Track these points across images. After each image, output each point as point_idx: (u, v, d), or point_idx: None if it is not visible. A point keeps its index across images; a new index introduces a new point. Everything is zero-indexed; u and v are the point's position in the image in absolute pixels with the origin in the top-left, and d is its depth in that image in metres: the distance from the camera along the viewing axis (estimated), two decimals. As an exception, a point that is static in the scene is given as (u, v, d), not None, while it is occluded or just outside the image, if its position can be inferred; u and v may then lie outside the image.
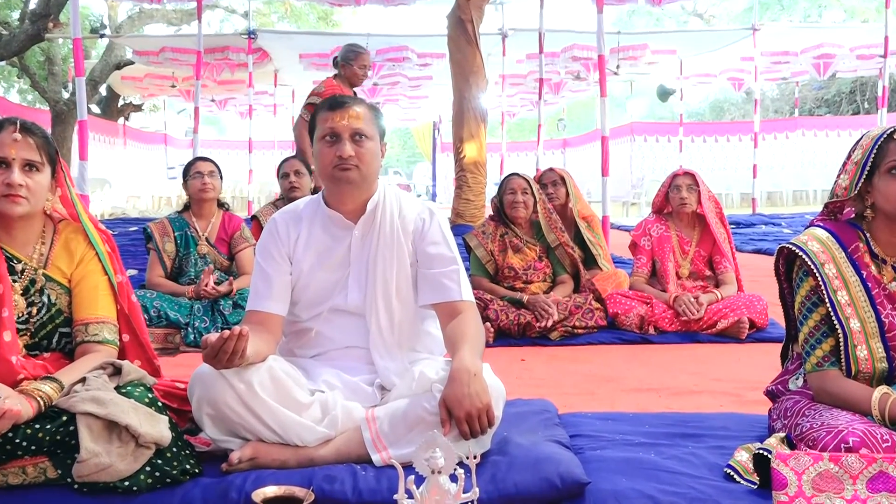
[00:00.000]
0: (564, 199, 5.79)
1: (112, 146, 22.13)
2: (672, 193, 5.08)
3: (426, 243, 2.61)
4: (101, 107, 21.53)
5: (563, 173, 5.88)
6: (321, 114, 2.56)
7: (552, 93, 20.36)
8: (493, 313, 4.72)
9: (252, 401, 2.30)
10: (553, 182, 5.80)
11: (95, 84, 17.56)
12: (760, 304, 4.81)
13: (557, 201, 5.74)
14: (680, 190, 5.03)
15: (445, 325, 2.53)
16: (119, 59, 17.45)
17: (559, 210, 5.70)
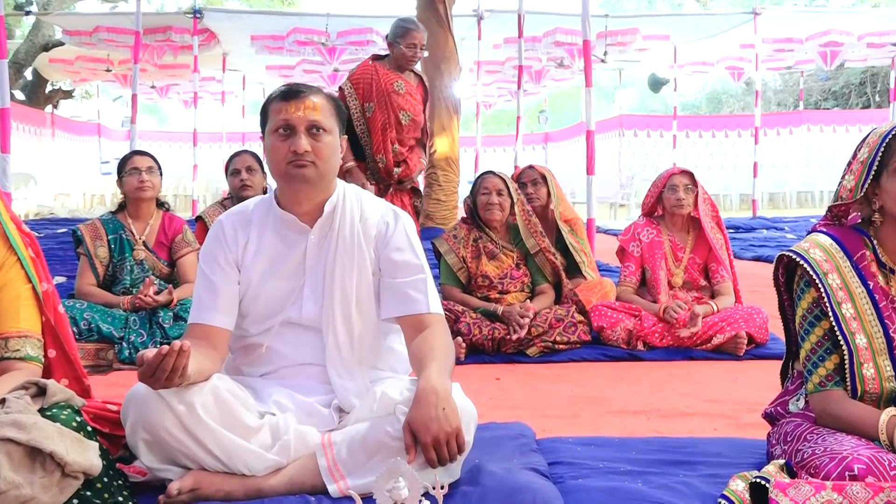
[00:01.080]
0: (545, 200, 5.81)
1: (38, 137, 21.91)
2: (667, 194, 5.12)
3: (390, 249, 2.62)
4: (27, 93, 21.32)
5: (545, 171, 5.90)
6: (273, 104, 2.56)
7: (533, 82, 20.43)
8: (464, 327, 4.73)
9: (194, 424, 2.29)
10: (533, 181, 5.82)
11: (20, 67, 17.40)
12: (760, 318, 4.86)
13: (538, 202, 5.76)
14: (676, 190, 5.08)
15: (411, 340, 2.53)
16: (47, 39, 17.30)
17: (539, 212, 5.72)
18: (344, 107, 2.64)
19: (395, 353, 2.71)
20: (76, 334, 4.54)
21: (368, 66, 6.13)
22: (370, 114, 6.05)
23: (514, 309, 4.80)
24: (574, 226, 5.87)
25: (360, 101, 6.07)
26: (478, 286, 5.05)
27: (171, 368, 2.15)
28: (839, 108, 29.89)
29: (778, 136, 23.56)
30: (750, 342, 4.83)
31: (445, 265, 5.09)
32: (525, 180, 5.85)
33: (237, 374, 2.64)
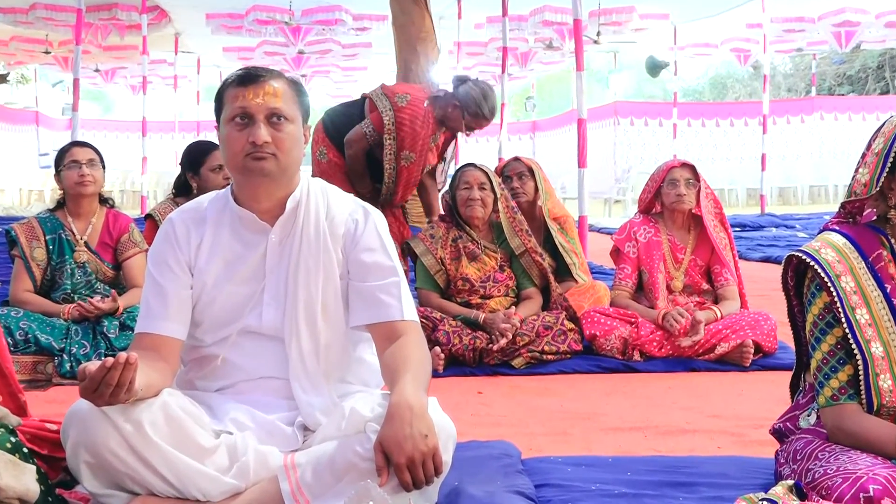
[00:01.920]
0: (533, 195, 5.82)
1: (-32, 127, 21.79)
2: (667, 189, 5.14)
3: (359, 250, 2.62)
4: (-45, 77, 21.16)
5: (532, 164, 5.91)
6: (229, 90, 2.55)
7: (518, 65, 20.49)
8: (443, 336, 4.74)
9: (141, 445, 2.29)
10: (519, 174, 5.83)
11: (-53, 49, 17.27)
12: (768, 324, 4.89)
13: (524, 198, 5.77)
14: (677, 185, 5.10)
15: (383, 350, 2.54)
16: (-23, 17, 17.17)
17: (526, 209, 5.74)
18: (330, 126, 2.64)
19: (366, 364, 2.70)
20: (11, 346, 4.51)
21: (423, 112, 5.95)
22: (406, 163, 5.97)
23: (498, 316, 4.81)
24: (564, 224, 5.88)
25: (397, 144, 5.95)
26: (457, 290, 5.06)
27: (117, 383, 2.14)
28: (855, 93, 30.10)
29: (788, 124, 23.68)
30: (757, 351, 4.86)
31: (422, 268, 5.09)
32: (510, 173, 5.86)
33: (190, 388, 2.63)
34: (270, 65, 17.50)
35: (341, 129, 6.08)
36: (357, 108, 6.15)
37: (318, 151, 6.11)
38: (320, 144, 6.10)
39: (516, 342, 4.78)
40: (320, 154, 6.11)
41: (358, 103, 6.22)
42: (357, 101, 6.29)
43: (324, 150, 6.09)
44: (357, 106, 6.18)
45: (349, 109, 6.25)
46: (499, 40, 14.20)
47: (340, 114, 6.29)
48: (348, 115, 6.17)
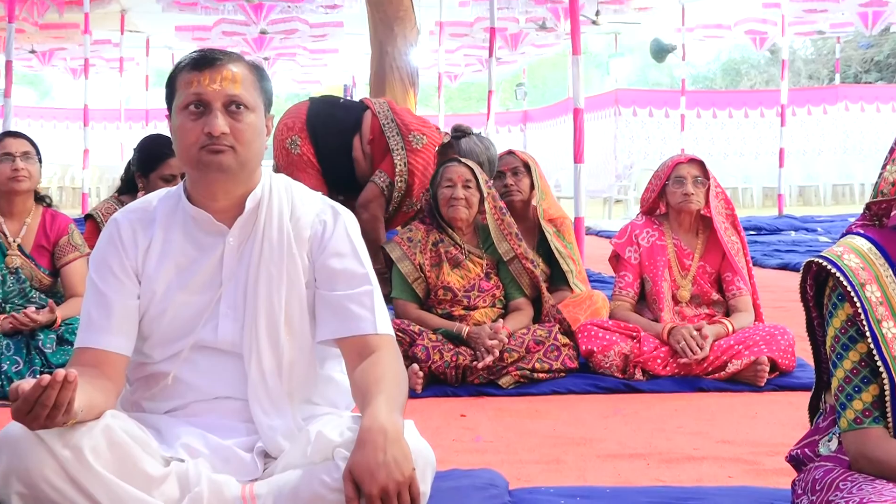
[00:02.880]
0: (528, 193, 5.85)
1: None
2: (672, 188, 5.16)
3: (328, 255, 2.62)
4: None
5: (528, 158, 5.93)
6: (183, 74, 2.55)
7: (508, 48, 20.52)
8: (421, 351, 4.74)
9: (81, 473, 2.28)
10: (514, 170, 5.85)
11: None
12: (785, 339, 4.91)
13: (518, 196, 5.79)
14: (684, 183, 5.12)
15: (354, 367, 2.54)
16: None
17: (519, 209, 5.76)
18: None
19: (335, 383, 2.71)
20: (-66, 362, 4.49)
21: (434, 158, 6.01)
22: (407, 209, 6.02)
23: (483, 330, 4.81)
24: (561, 227, 5.90)
25: (406, 191, 6.08)
26: (438, 301, 5.06)
27: (54, 404, 2.14)
28: (883, 81, 30.27)
29: (809, 116, 23.81)
30: (773, 369, 4.88)
31: (398, 275, 5.09)
32: (503, 168, 5.87)
33: (136, 410, 2.63)
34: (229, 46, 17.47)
35: (323, 128, 6.05)
36: (352, 114, 6.11)
37: (290, 140, 6.08)
38: (295, 133, 6.06)
39: (504, 359, 4.79)
40: (291, 144, 6.08)
41: (353, 109, 6.18)
42: (352, 106, 6.27)
43: (297, 141, 6.06)
44: (352, 112, 6.14)
45: (340, 112, 6.20)
46: (486, 20, 14.24)
47: (328, 112, 6.24)
48: (337, 118, 6.12)
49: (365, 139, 5.90)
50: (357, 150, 5.94)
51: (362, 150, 5.94)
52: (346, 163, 5.95)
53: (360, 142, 5.92)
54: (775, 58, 29.76)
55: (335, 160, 6.00)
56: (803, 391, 4.54)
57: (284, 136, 6.05)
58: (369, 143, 5.88)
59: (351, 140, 5.93)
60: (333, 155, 5.98)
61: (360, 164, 5.91)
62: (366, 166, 5.94)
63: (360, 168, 5.93)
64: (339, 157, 5.99)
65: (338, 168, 6.00)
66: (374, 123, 5.92)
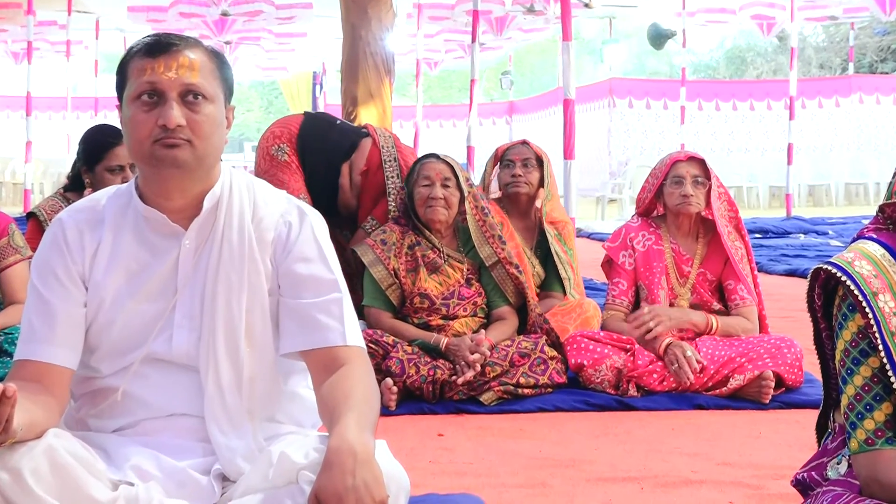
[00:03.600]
0: (534, 189, 5.91)
1: None
2: (670, 188, 5.17)
3: (293, 259, 2.62)
4: None
5: (542, 153, 5.98)
6: (135, 61, 2.53)
7: (493, 32, 20.53)
8: (395, 365, 4.74)
9: (20, 498, 2.27)
10: (525, 161, 5.90)
11: None
12: (792, 353, 4.93)
13: (524, 189, 5.85)
14: (682, 183, 5.13)
15: (321, 382, 2.53)
16: None
17: (523, 203, 5.81)
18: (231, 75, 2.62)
19: (300, 399, 2.70)
20: None
21: None
22: None
23: (464, 341, 4.82)
24: (562, 231, 5.95)
25: None
26: (414, 309, 5.07)
27: (-9, 422, 2.13)
28: (901, 72, 30.38)
29: (820, 108, 23.92)
30: (778, 385, 4.90)
31: (371, 280, 5.09)
32: (513, 158, 5.92)
33: (82, 428, 2.61)
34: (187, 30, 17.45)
35: (313, 146, 5.97)
36: (347, 138, 6.02)
37: (277, 147, 6.02)
38: (283, 142, 6.02)
39: (486, 373, 4.79)
40: (278, 150, 6.01)
41: (350, 133, 6.09)
42: (350, 130, 6.19)
43: (285, 149, 6.01)
44: (348, 136, 6.05)
45: (335, 135, 6.09)
46: (468, 2, 14.27)
47: (322, 130, 6.12)
48: (330, 140, 6.03)
49: (356, 168, 5.84)
50: (344, 176, 5.89)
51: (350, 179, 5.89)
52: (330, 188, 5.91)
53: (349, 169, 5.89)
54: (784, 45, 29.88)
55: (319, 182, 5.96)
56: (811, 409, 4.56)
57: (271, 144, 5.98)
58: (362, 173, 5.83)
59: (340, 165, 5.89)
60: (318, 177, 5.94)
61: (345, 192, 5.86)
62: (350, 197, 5.89)
63: (343, 196, 5.88)
64: (324, 181, 5.95)
65: (319, 192, 5.95)
66: (374, 154, 5.86)
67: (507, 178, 5.90)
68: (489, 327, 5.07)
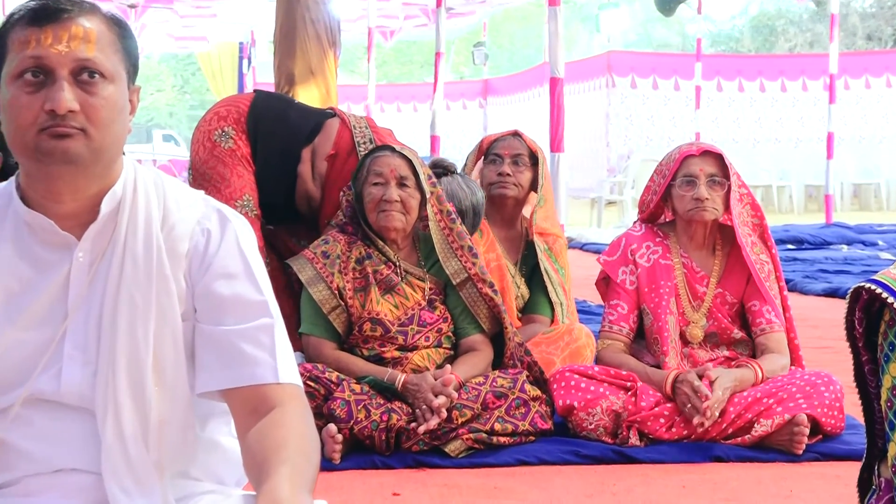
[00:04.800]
0: (524, 192, 5.92)
1: None
2: (680, 189, 5.18)
3: (213, 276, 2.61)
4: None
5: (537, 148, 5.99)
6: (17, 31, 2.52)
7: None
8: (341, 408, 4.73)
9: None
10: (516, 157, 5.92)
11: None
12: (831, 392, 4.94)
13: (513, 192, 5.87)
14: (695, 183, 5.14)
15: (247, 429, 2.53)
16: None
17: (510, 208, 5.84)
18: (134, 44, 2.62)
19: (221, 450, 2.70)
20: None
21: None
22: None
23: (425, 379, 4.81)
24: (553, 246, 5.95)
25: None
26: (364, 338, 5.06)
27: None
28: (966, 45, 30.58)
29: (867, 90, 24.02)
30: (814, 431, 4.91)
31: (309, 303, 5.08)
32: (502, 152, 5.94)
33: (-50, 486, 2.61)
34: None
35: (268, 127, 5.97)
36: (310, 119, 6.03)
37: (220, 131, 5.99)
38: (229, 124, 5.99)
39: (453, 418, 4.80)
40: (221, 136, 5.98)
41: (314, 114, 6.11)
42: (313, 111, 6.22)
43: (231, 133, 5.97)
44: (311, 117, 6.07)
45: (295, 113, 6.10)
46: (432, -44, 14.26)
47: (279, 109, 6.13)
48: (289, 119, 6.03)
49: (321, 152, 5.82)
50: (305, 163, 5.87)
51: (312, 166, 5.87)
52: (287, 179, 5.88)
53: (311, 154, 5.87)
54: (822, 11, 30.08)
55: (273, 172, 5.92)
56: (853, 461, 4.57)
57: (213, 127, 5.90)
58: (328, 158, 5.82)
59: (300, 151, 5.87)
60: (272, 166, 5.90)
61: (306, 181, 5.84)
62: (313, 187, 5.86)
63: (303, 187, 5.86)
64: (280, 169, 5.92)
65: (274, 183, 5.92)
66: (343, 136, 5.84)
67: (492, 176, 5.91)
68: (457, 361, 5.08)
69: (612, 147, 22.43)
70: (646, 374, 5.07)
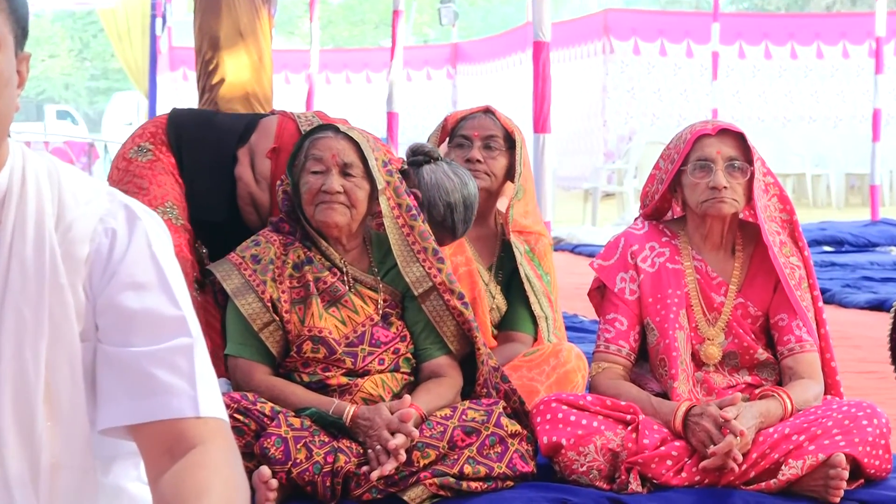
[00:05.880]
0: (500, 181, 5.92)
1: None
2: (692, 177, 5.16)
3: (119, 286, 2.61)
4: None
5: (515, 129, 5.99)
6: None
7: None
8: (275, 447, 4.72)
9: None
10: (487, 139, 5.92)
11: None
12: (875, 426, 4.93)
13: (484, 182, 5.86)
14: (711, 169, 5.14)
15: (160, 472, 2.53)
16: None
17: (481, 202, 5.82)
18: None
19: (127, 498, 2.71)
20: None
21: None
22: None
23: (379, 412, 4.81)
24: (535, 246, 5.96)
25: None
26: (304, 361, 5.06)
27: None
28: None
29: (921, 58, 24.11)
30: (854, 475, 4.91)
31: (237, 318, 5.07)
32: (471, 133, 5.94)
33: None
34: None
35: (193, 133, 6.00)
36: (242, 119, 6.09)
37: (136, 148, 6.01)
38: (145, 140, 6.02)
39: (413, 460, 4.80)
40: (137, 152, 6.00)
41: (242, 116, 6.19)
42: (243, 115, 6.30)
43: (148, 147, 6.00)
44: (241, 118, 6.14)
45: (223, 117, 6.16)
46: None
47: (202, 117, 6.22)
48: (215, 123, 6.07)
49: (260, 150, 5.82)
50: (243, 165, 5.89)
51: (252, 166, 5.89)
52: (225, 187, 5.89)
53: (249, 155, 5.89)
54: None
55: (207, 183, 5.93)
56: (904, 511, 4.61)
57: (128, 147, 5.98)
58: (270, 153, 5.82)
59: (234, 153, 5.90)
60: (205, 174, 5.91)
61: (249, 186, 5.82)
62: (258, 191, 5.85)
63: (245, 193, 5.85)
64: (215, 179, 5.93)
65: (211, 196, 5.93)
66: (287, 127, 5.85)
67: (459, 162, 5.90)
68: (418, 389, 5.07)
69: (610, 127, 22.49)
70: (650, 405, 5.06)
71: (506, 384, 5.15)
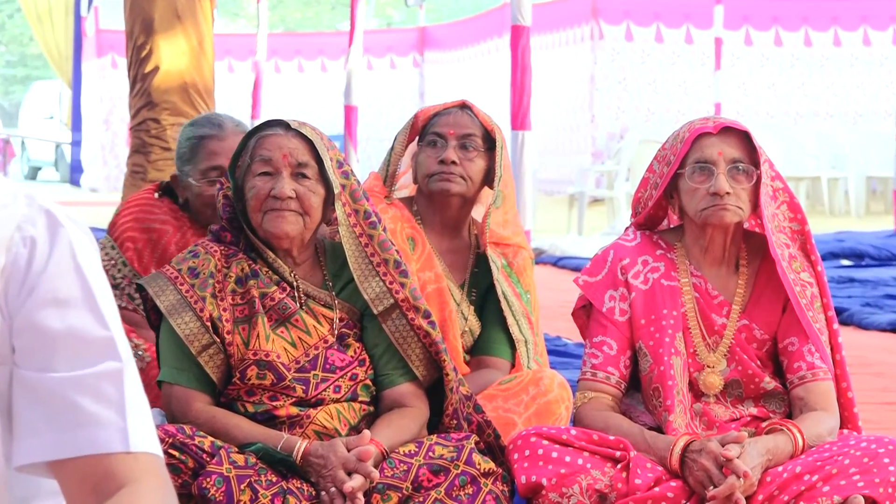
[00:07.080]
0: (477, 185, 5.92)
1: None
2: (692, 181, 5.18)
3: (39, 303, 2.61)
4: None
5: (494, 127, 5.98)
6: None
7: None
8: (216, 487, 4.73)
9: None
10: (463, 138, 5.91)
11: None
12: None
13: (458, 187, 5.84)
14: (712, 171, 5.16)
15: (85, 515, 2.55)
16: None
17: (454, 209, 5.85)
18: None
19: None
20: None
21: None
22: None
23: (334, 449, 4.81)
24: (512, 260, 5.97)
25: None
26: (248, 389, 5.07)
27: None
28: None
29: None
30: (874, 520, 4.96)
31: (171, 340, 5.06)
32: (444, 131, 5.93)
33: None
34: None
35: None
36: None
37: None
38: None
39: (374, 502, 4.82)
40: None
41: None
42: None
43: None
44: None
45: None
46: None
47: None
48: None
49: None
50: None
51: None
52: None
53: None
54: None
55: None
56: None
57: None
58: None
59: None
60: None
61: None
62: None
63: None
64: None
65: None
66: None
67: (431, 165, 5.87)
68: (379, 421, 5.07)
69: (599, 123, 22.53)
70: (643, 440, 5.05)
71: (479, 415, 5.15)
